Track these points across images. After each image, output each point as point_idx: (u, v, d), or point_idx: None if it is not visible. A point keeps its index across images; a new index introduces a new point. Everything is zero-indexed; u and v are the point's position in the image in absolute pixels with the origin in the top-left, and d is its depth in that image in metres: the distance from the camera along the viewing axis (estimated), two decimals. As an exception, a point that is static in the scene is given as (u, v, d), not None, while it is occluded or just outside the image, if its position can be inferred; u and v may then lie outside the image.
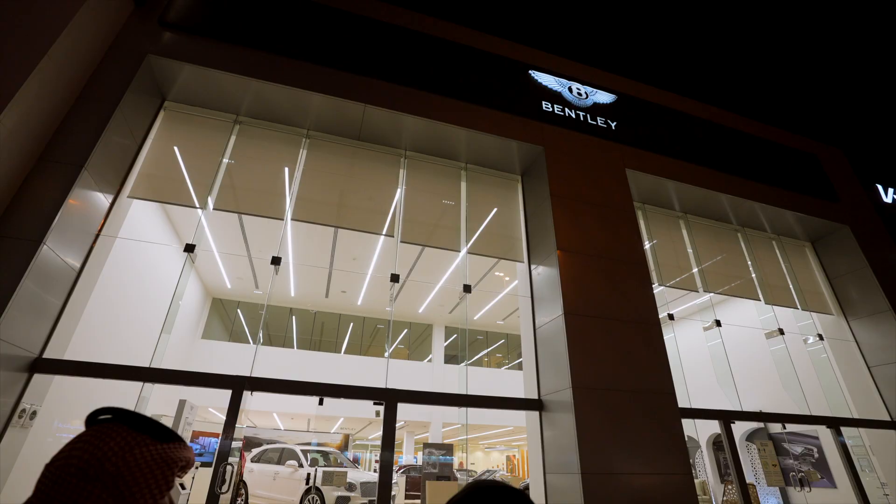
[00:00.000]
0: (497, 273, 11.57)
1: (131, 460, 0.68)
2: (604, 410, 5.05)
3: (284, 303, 13.24)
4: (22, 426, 4.40)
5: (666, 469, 4.96)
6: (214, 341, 12.52)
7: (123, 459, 0.67)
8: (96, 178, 4.90)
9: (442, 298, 12.13)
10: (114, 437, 0.69)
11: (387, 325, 14.34)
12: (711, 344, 7.59)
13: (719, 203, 8.32)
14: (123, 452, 0.68)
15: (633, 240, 6.55)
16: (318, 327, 13.97)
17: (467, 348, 12.73)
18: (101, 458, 0.66)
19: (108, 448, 0.67)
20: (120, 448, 0.68)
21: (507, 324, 14.41)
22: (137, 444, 0.70)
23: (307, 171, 6.35)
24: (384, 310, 13.09)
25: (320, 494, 7.04)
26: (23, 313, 4.14)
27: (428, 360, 14.45)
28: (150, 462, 0.70)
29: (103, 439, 0.69)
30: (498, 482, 0.86)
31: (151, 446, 0.72)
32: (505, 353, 16.08)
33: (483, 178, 7.27)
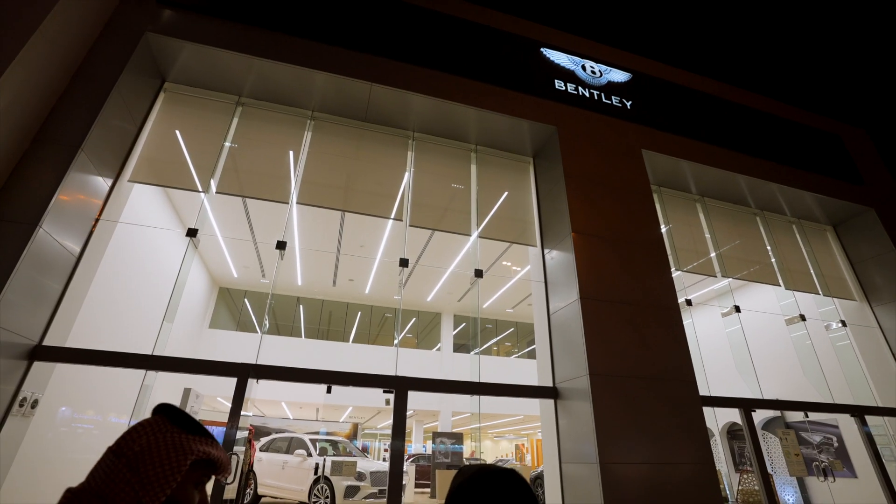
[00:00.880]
0: (505, 262, 11.36)
1: (153, 442, 0.76)
2: (622, 398, 4.85)
3: (291, 292, 13.13)
4: (23, 415, 4.29)
5: (687, 458, 4.77)
6: (221, 331, 12.45)
7: (146, 441, 0.76)
8: (94, 161, 4.74)
9: (451, 286, 11.94)
10: (148, 425, 0.80)
11: (395, 313, 14.21)
12: (730, 330, 7.35)
13: (737, 186, 8.03)
14: (148, 436, 0.77)
15: (651, 222, 6.30)
16: (325, 316, 13.86)
17: (479, 335, 12.55)
18: (131, 440, 0.76)
19: (138, 432, 0.78)
20: (146, 432, 0.78)
21: (516, 312, 14.22)
22: (162, 430, 0.79)
23: (312, 154, 6.15)
24: (392, 298, 12.93)
25: (329, 484, 6.94)
26: (20, 299, 4.00)
27: (437, 349, 14.32)
28: (168, 446, 0.77)
29: (141, 426, 0.79)
30: (493, 466, 0.88)
31: (175, 433, 0.80)
32: (514, 342, 15.90)
33: (494, 161, 7.03)
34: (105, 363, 4.36)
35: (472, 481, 0.85)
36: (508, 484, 0.83)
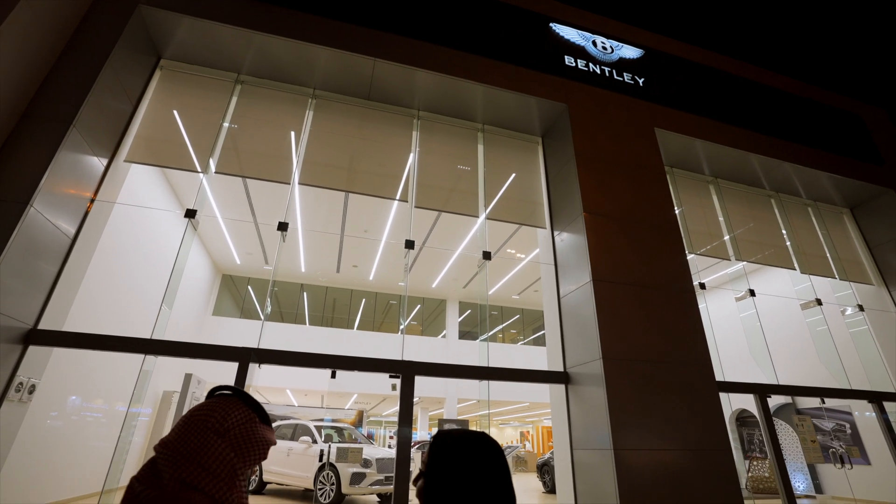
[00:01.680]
0: (509, 250, 11.17)
1: (249, 430, 0.88)
2: (636, 383, 4.69)
3: (295, 279, 13.00)
4: (20, 400, 4.18)
5: (704, 444, 4.61)
6: (225, 318, 12.36)
7: (245, 428, 0.88)
8: (88, 139, 4.56)
9: (456, 272, 11.77)
10: (238, 410, 0.89)
11: (399, 300, 14.08)
12: (744, 315, 7.16)
13: (752, 167, 7.78)
14: (245, 423, 0.88)
15: (664, 202, 6.08)
16: (329, 303, 13.75)
17: (487, 320, 12.39)
18: (231, 423, 0.86)
19: (235, 417, 0.88)
20: (243, 420, 0.88)
21: (522, 298, 14.06)
22: (251, 420, 0.90)
23: (314, 133, 5.94)
24: (397, 285, 12.79)
25: (335, 470, 6.85)
26: (13, 281, 3.86)
27: (442, 336, 14.20)
28: (258, 436, 0.89)
29: (231, 410, 0.88)
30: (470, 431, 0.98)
31: (259, 425, 0.91)
32: (520, 329, 15.77)
33: (501, 141, 6.80)
34: (102, 347, 4.23)
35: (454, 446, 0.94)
36: (485, 447, 0.95)
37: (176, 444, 0.82)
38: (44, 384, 5.31)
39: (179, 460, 0.78)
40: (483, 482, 0.90)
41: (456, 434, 0.97)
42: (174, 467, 0.78)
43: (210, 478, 0.78)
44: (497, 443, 0.98)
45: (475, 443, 0.95)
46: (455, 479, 0.90)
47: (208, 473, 0.79)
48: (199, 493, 0.76)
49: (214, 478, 0.79)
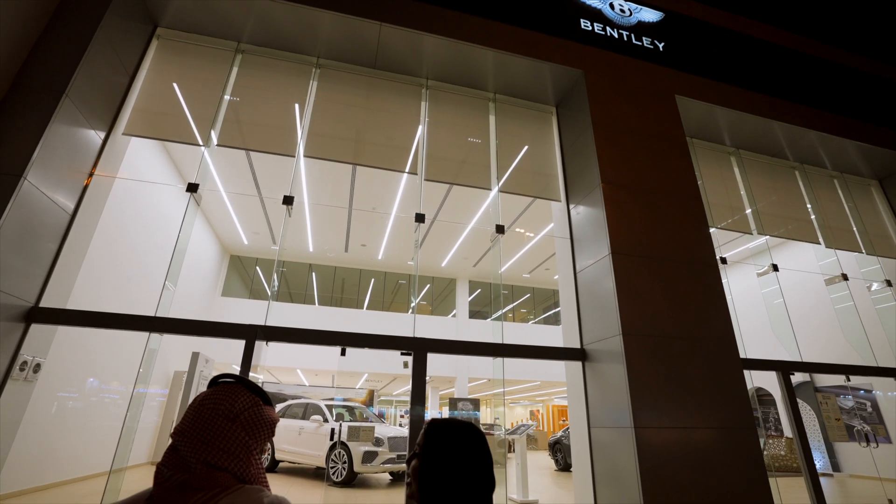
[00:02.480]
0: (518, 229, 10.91)
1: (257, 413, 0.99)
2: (657, 359, 4.50)
3: (303, 259, 12.89)
4: (25, 380, 4.09)
5: (727, 423, 4.44)
6: (234, 298, 12.32)
7: (252, 412, 0.98)
8: (84, 111, 4.36)
9: (466, 251, 11.56)
10: (242, 396, 0.99)
11: (409, 279, 13.95)
12: (766, 291, 6.90)
13: (775, 137, 7.42)
14: (252, 408, 0.98)
15: (686, 172, 5.80)
16: (338, 283, 13.65)
17: (501, 296, 12.21)
18: (239, 409, 0.96)
19: (241, 403, 0.98)
20: (249, 405, 0.98)
21: (533, 277, 13.86)
22: (256, 404, 1.00)
23: (319, 104, 5.70)
24: (406, 264, 12.63)
25: (346, 449, 6.81)
26: (11, 258, 3.72)
27: (452, 316, 14.09)
28: (264, 418, 0.99)
29: (237, 397, 0.98)
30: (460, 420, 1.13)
31: (265, 407, 1.02)
32: (531, 308, 15.61)
33: (513, 111, 6.51)
34: (106, 325, 4.11)
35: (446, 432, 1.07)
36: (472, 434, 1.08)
37: (192, 432, 0.91)
38: (52, 364, 5.26)
39: (200, 446, 0.88)
40: (469, 464, 1.04)
41: (447, 422, 1.12)
42: (197, 452, 0.88)
43: (231, 458, 0.90)
44: (481, 431, 1.12)
45: (463, 430, 1.11)
46: (445, 460, 1.04)
47: (228, 455, 0.90)
48: (223, 472, 0.88)
49: (234, 458, 0.90)
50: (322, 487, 6.75)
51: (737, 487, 4.18)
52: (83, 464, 6.09)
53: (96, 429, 6.20)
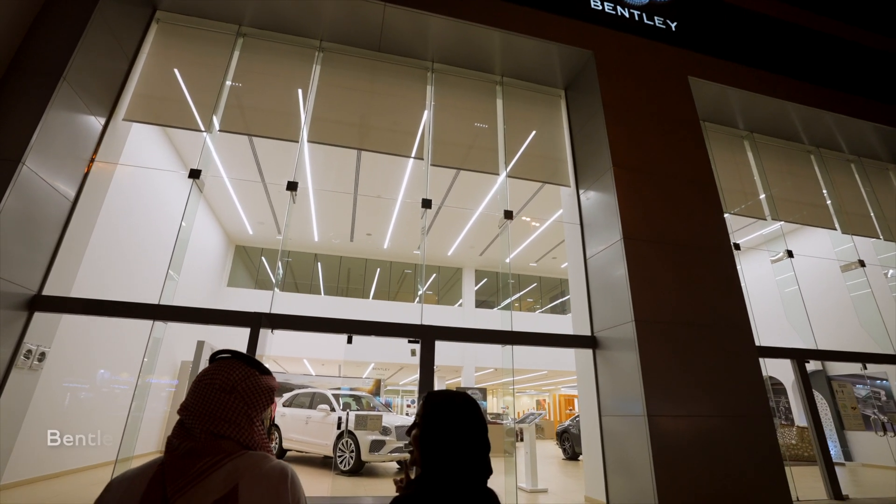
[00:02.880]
0: (524, 218, 10.77)
1: (252, 383, 1.04)
2: (670, 346, 4.40)
3: (308, 248, 12.83)
4: (30, 368, 4.06)
5: (743, 411, 4.34)
6: (239, 289, 12.31)
7: (247, 383, 1.03)
8: (83, 95, 4.27)
9: (472, 239, 11.44)
10: (238, 369, 1.04)
11: (414, 269, 13.87)
12: (781, 278, 6.75)
13: (790, 120, 7.21)
14: (247, 379, 1.03)
15: (699, 156, 5.64)
16: (344, 274, 13.60)
17: (510, 284, 12.08)
18: (235, 381, 1.02)
19: (236, 375, 1.03)
20: (244, 376, 1.03)
21: (540, 266, 13.73)
22: (252, 375, 1.05)
23: (322, 89, 5.57)
24: (412, 253, 12.54)
25: (354, 438, 6.78)
26: (12, 245, 3.66)
27: (458, 305, 14.02)
28: (261, 386, 1.06)
29: (232, 370, 1.04)
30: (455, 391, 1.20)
31: (260, 377, 1.07)
32: (537, 298, 15.50)
33: (521, 94, 6.36)
34: (109, 313, 4.06)
35: (443, 402, 1.15)
36: (467, 403, 1.15)
37: (195, 407, 0.97)
38: (58, 354, 5.23)
39: (203, 418, 0.94)
40: (464, 428, 1.10)
41: (443, 392, 1.18)
42: (201, 423, 0.94)
43: (232, 427, 0.95)
44: (475, 400, 1.17)
45: (458, 399, 1.16)
46: (443, 426, 1.10)
47: (229, 423, 0.95)
48: (227, 440, 0.94)
49: (235, 426, 0.96)
50: (330, 476, 6.74)
51: (752, 476, 4.09)
52: (91, 453, 6.09)
53: (103, 418, 6.20)
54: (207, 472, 0.89)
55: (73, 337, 5.75)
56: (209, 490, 0.87)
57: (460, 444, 1.09)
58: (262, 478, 0.92)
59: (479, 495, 1.09)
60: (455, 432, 1.10)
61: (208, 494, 0.87)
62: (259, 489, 0.90)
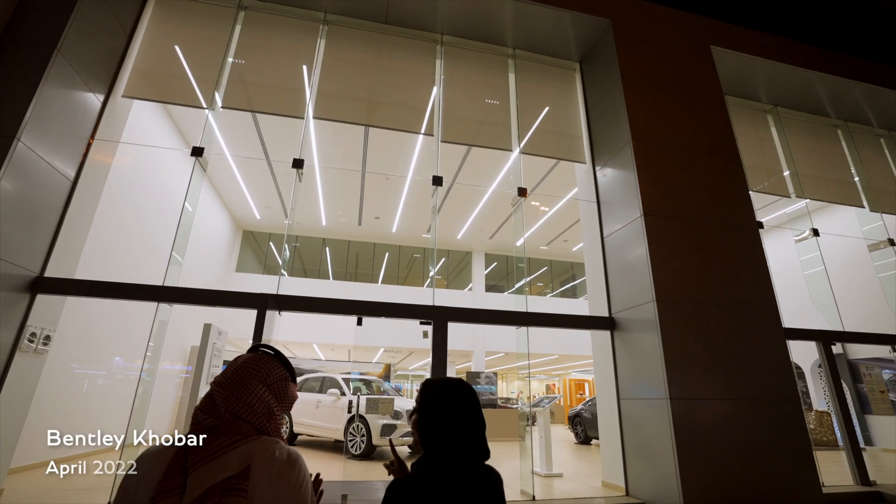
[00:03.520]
0: (534, 203, 10.52)
1: (284, 386, 1.14)
2: (693, 327, 4.21)
3: (316, 233, 12.71)
4: (35, 351, 3.98)
5: (769, 394, 4.15)
6: (248, 274, 12.26)
7: (281, 384, 1.12)
8: (79, 70, 4.11)
9: (482, 222, 11.23)
10: (278, 368, 1.14)
11: (423, 253, 13.71)
12: (805, 258, 6.49)
13: (816, 92, 6.87)
14: (282, 381, 1.13)
15: (723, 129, 5.37)
16: (352, 259, 13.49)
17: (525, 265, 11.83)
18: (274, 378, 1.11)
19: (276, 374, 1.13)
20: (281, 378, 1.13)
21: (550, 249, 13.51)
22: (285, 378, 1.15)
23: (328, 64, 5.36)
24: (420, 237, 12.37)
25: (365, 422, 6.71)
26: (11, 224, 3.55)
27: (468, 289, 13.88)
28: (290, 392, 1.15)
29: (274, 368, 1.13)
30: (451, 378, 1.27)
31: (291, 383, 1.17)
32: (547, 282, 15.30)
33: (534, 68, 6.09)
34: (113, 295, 3.95)
35: (439, 388, 1.23)
36: (462, 387, 1.23)
37: (229, 384, 1.04)
38: (67, 338, 5.17)
39: (231, 398, 1.01)
40: (458, 410, 1.15)
41: (438, 379, 1.24)
42: (227, 402, 1.01)
43: (253, 414, 1.02)
44: (470, 386, 1.22)
45: (452, 384, 1.22)
46: (438, 410, 1.15)
47: (251, 410, 1.02)
48: (246, 423, 1.01)
49: (257, 414, 1.02)
50: (341, 460, 6.70)
51: (780, 461, 3.93)
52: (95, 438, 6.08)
53: (113, 403, 6.17)
54: (224, 451, 0.96)
55: (77, 322, 5.68)
56: (224, 467, 0.94)
57: (455, 427, 1.14)
58: (274, 461, 0.98)
59: (479, 474, 1.14)
60: (450, 416, 1.16)
61: (223, 471, 0.93)
62: (270, 471, 0.97)
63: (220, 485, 0.91)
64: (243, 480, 0.92)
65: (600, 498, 4.29)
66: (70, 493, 3.89)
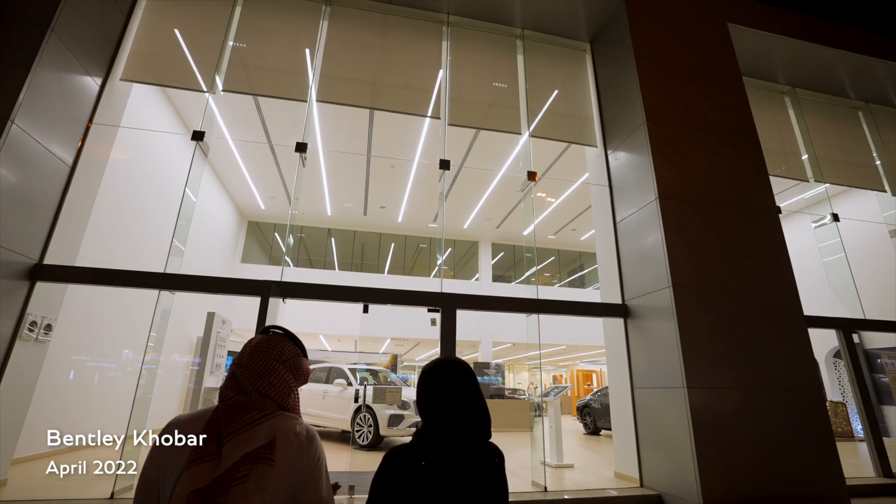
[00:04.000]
0: (540, 194, 10.33)
1: (298, 361, 1.24)
2: (711, 313, 4.05)
3: (321, 223, 12.60)
4: (36, 340, 3.90)
5: (790, 382, 4.00)
6: (254, 265, 12.19)
7: (295, 360, 1.23)
8: (75, 51, 3.99)
9: (489, 211, 11.06)
10: (289, 346, 1.24)
11: (429, 243, 13.58)
12: (824, 245, 6.29)
13: (836, 72, 6.63)
14: (295, 357, 1.23)
15: (740, 109, 5.17)
16: (358, 248, 13.38)
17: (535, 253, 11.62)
18: (287, 355, 1.21)
19: (289, 352, 1.22)
20: (293, 354, 1.23)
21: (558, 239, 13.32)
22: (298, 354, 1.25)
23: (331, 46, 5.20)
24: (427, 227, 12.23)
25: (372, 413, 6.64)
26: (8, 210, 3.45)
27: (475, 279, 13.75)
28: (303, 366, 1.25)
29: (286, 346, 1.23)
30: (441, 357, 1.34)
31: (304, 358, 1.27)
32: (554, 272, 15.13)
33: (543, 49, 5.90)
34: (114, 283, 3.85)
35: (434, 368, 1.27)
36: (457, 366, 1.26)
37: (250, 366, 1.16)
38: (70, 328, 5.10)
39: (255, 378, 1.14)
40: (451, 388, 1.22)
41: (433, 362, 1.31)
42: (252, 382, 1.14)
43: (276, 391, 1.16)
44: (464, 363, 1.28)
45: (448, 360, 1.29)
46: (430, 388, 1.24)
47: (274, 388, 1.15)
48: (270, 400, 1.14)
49: (278, 391, 1.16)
50: (348, 451, 6.63)
51: (801, 451, 3.78)
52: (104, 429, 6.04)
53: (117, 395, 6.13)
54: (254, 424, 1.07)
55: (80, 313, 5.61)
56: (254, 438, 1.05)
57: (447, 398, 1.19)
58: (295, 436, 1.09)
59: (478, 448, 1.17)
60: (442, 388, 1.21)
61: (252, 442, 1.04)
62: (293, 444, 1.08)
63: (251, 454, 1.02)
64: (270, 451, 1.04)
65: (613, 489, 4.17)
66: (74, 482, 3.83)
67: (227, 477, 0.99)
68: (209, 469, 0.99)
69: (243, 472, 1.00)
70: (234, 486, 0.98)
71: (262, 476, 1.01)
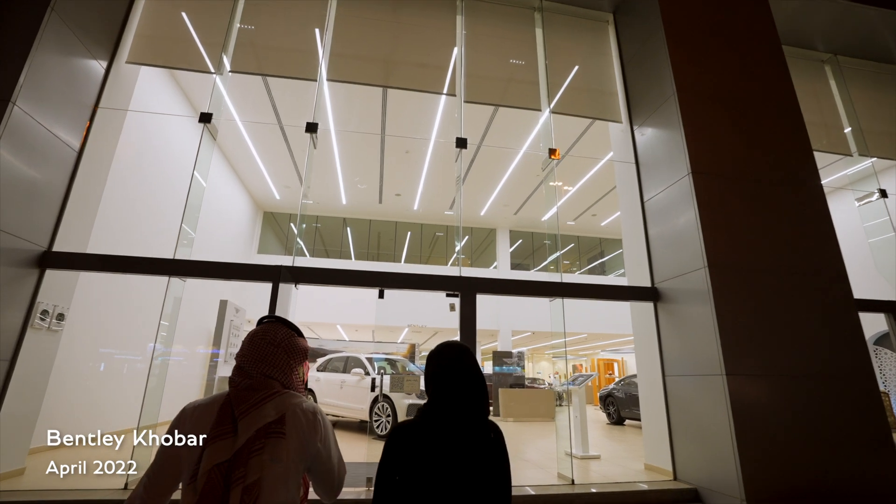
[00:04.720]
0: (556, 183, 9.97)
1: (294, 342, 1.33)
2: (750, 295, 3.76)
3: (336, 213, 12.50)
4: (49, 329, 3.84)
5: (839, 370, 3.70)
6: (270, 255, 12.17)
7: (289, 342, 1.32)
8: (78, 32, 3.86)
9: (507, 197, 10.76)
10: (281, 330, 1.34)
11: (446, 231, 13.37)
12: (870, 224, 5.87)
13: (881, 37, 6.17)
14: (289, 338, 1.33)
15: (780, 79, 4.80)
16: (374, 238, 13.26)
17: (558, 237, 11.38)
18: (280, 339, 1.30)
19: (281, 335, 1.32)
20: (286, 336, 1.33)
21: (577, 225, 12.95)
22: (292, 335, 1.35)
23: (341, 23, 4.99)
24: (443, 214, 12.00)
25: (390, 402, 6.51)
26: (14, 196, 3.36)
27: (493, 267, 13.50)
28: (298, 345, 1.34)
29: (278, 330, 1.33)
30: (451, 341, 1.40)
31: (299, 338, 1.37)
32: (574, 259, 14.76)
33: (563, 21, 5.58)
34: (123, 269, 3.75)
35: (436, 352, 1.36)
36: (457, 348, 1.35)
37: (251, 355, 1.27)
38: (84, 318, 5.06)
39: (257, 363, 1.25)
40: (453, 365, 1.30)
41: (437, 346, 1.38)
42: (256, 367, 1.25)
43: (278, 371, 1.27)
44: (465, 347, 1.37)
45: (452, 344, 1.37)
46: (432, 369, 1.34)
47: (276, 368, 1.27)
48: (274, 380, 1.25)
49: (280, 371, 1.27)
50: (366, 440, 6.53)
51: (853, 443, 3.49)
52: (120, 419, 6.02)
53: (132, 386, 6.11)
54: (262, 402, 1.18)
55: (93, 303, 5.58)
56: (265, 415, 1.16)
57: (448, 376, 1.27)
58: (302, 412, 1.22)
59: (477, 424, 1.24)
60: (443, 368, 1.30)
61: (263, 418, 1.15)
62: (300, 419, 1.20)
63: (263, 429, 1.13)
64: (281, 425, 1.16)
65: (644, 482, 3.95)
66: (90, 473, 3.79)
67: (244, 450, 1.10)
68: (229, 445, 1.10)
69: (259, 445, 1.11)
70: (252, 457, 1.09)
71: (276, 448, 1.12)
